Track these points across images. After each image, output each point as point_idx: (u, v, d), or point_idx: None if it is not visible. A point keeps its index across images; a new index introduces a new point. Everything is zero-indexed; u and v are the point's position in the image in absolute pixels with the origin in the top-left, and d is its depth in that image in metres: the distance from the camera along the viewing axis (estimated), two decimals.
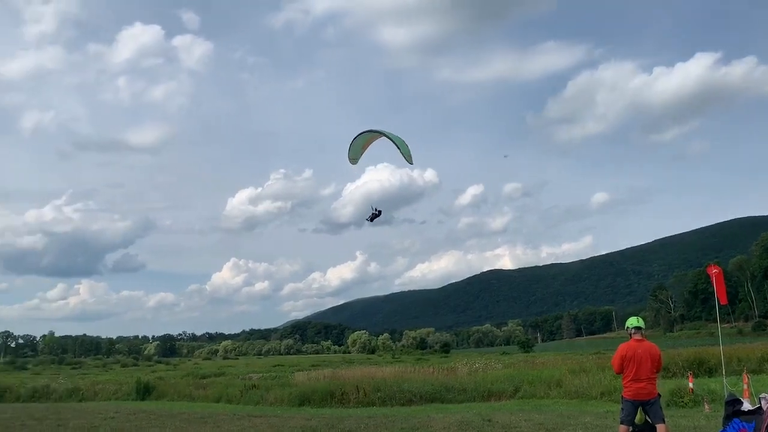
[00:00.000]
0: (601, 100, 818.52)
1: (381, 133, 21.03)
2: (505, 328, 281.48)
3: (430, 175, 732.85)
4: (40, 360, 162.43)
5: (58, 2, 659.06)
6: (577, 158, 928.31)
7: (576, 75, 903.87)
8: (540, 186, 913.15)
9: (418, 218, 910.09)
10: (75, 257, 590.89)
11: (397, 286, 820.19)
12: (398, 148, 20.11)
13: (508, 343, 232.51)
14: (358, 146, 23.11)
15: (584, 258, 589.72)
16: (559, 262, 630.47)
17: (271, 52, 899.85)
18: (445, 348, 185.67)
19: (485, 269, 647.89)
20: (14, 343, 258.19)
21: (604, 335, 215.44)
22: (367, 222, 22.81)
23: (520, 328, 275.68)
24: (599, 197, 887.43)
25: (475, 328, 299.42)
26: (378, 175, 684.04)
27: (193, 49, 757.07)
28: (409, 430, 14.57)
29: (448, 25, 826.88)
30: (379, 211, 23.61)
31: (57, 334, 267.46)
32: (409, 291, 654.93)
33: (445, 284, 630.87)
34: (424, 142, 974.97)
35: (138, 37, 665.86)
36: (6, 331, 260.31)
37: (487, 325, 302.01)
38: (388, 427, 15.28)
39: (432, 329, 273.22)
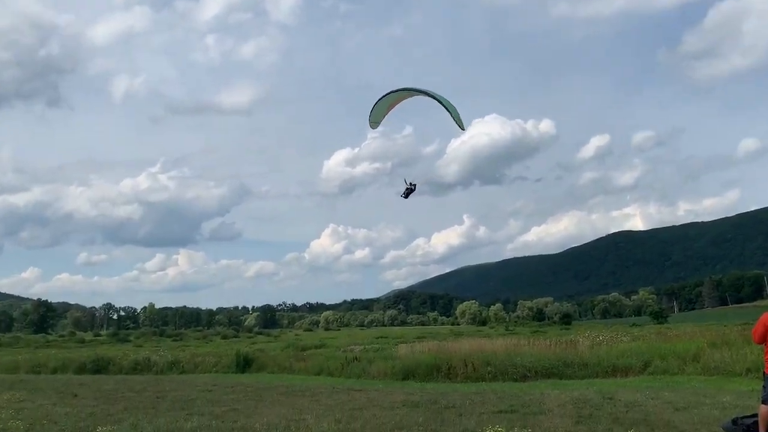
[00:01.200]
0: (748, 29, 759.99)
1: (418, 92, 21.02)
2: (635, 297, 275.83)
3: (546, 125, 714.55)
4: (141, 332, 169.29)
5: None
6: (720, 99, 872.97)
7: (718, 1, 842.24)
8: (676, 133, 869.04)
9: (532, 175, 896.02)
10: (172, 226, 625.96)
11: (510, 251, 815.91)
12: (446, 109, 20.01)
13: (638, 313, 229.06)
14: (383, 107, 23.03)
15: (730, 215, 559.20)
16: (699, 220, 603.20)
17: None
18: (566, 319, 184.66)
19: (612, 231, 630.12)
20: (116, 315, 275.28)
21: (755, 303, 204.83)
22: (402, 198, 23.04)
23: (653, 296, 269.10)
24: (747, 144, 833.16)
25: (600, 297, 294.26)
26: (486, 128, 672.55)
27: (282, 1, 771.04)
28: (520, 407, 14.57)
29: None
30: (414, 186, 23.64)
31: (157, 306, 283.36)
32: (524, 257, 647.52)
33: (565, 249, 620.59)
34: (538, 89, 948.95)
35: None
36: (107, 303, 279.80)
37: (614, 293, 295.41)
38: (496, 404, 15.35)
39: (550, 299, 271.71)
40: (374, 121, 24.18)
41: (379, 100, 22.55)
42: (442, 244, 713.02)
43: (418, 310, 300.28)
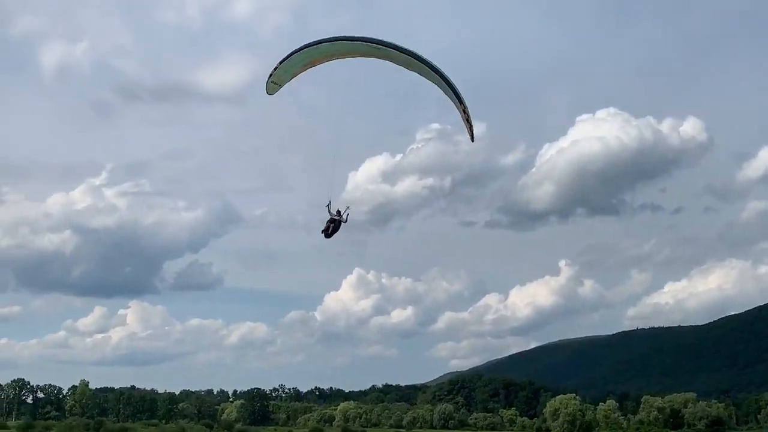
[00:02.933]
0: None
1: (369, 46, 25.35)
2: None
3: (691, 127, 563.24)
4: (68, 424, 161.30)
5: None
6: None
7: None
8: None
9: (668, 203, 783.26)
10: (120, 266, 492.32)
11: (631, 320, 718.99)
12: (447, 84, 26.70)
13: None
14: (298, 62, 27.15)
15: None
16: None
17: None
18: (716, 428, 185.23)
19: None
20: (31, 397, 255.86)
21: None
22: (323, 236, 31.84)
23: None
24: None
25: None
26: (598, 130, 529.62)
27: None
28: None
29: None
30: (340, 217, 31.80)
31: (93, 386, 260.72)
32: (652, 329, 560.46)
33: (716, 318, 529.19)
34: (681, 71, 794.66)
35: None
36: (19, 380, 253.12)
37: None
38: None
39: (692, 395, 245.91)
40: (275, 82, 27.62)
41: (298, 51, 25.41)
42: (526, 304, 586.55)
43: (487, 404, 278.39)
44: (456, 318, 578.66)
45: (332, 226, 30.61)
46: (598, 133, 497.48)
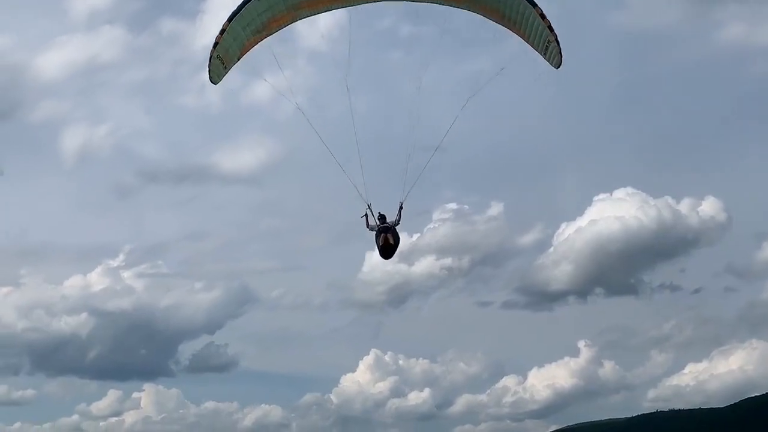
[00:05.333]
0: None
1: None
2: None
3: (710, 207, 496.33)
4: None
5: None
6: None
7: None
8: None
9: (688, 284, 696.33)
10: (135, 349, 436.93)
11: (651, 402, 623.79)
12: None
13: None
14: (250, 24, 20.74)
15: None
16: None
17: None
18: None
19: None
20: None
21: None
22: (393, 247, 23.41)
23: None
24: None
25: None
26: (615, 209, 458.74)
27: (318, 20, 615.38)
28: None
29: None
30: (389, 225, 23.75)
31: None
32: (674, 411, 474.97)
33: (738, 400, 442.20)
34: (699, 151, 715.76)
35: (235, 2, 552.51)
36: None
37: None
38: None
39: None
40: (220, 57, 21.40)
41: (236, 15, 19.82)
42: (546, 386, 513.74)
43: None
44: (474, 400, 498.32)
45: (390, 236, 21.81)
46: (616, 213, 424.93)
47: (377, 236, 22.67)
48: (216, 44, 21.09)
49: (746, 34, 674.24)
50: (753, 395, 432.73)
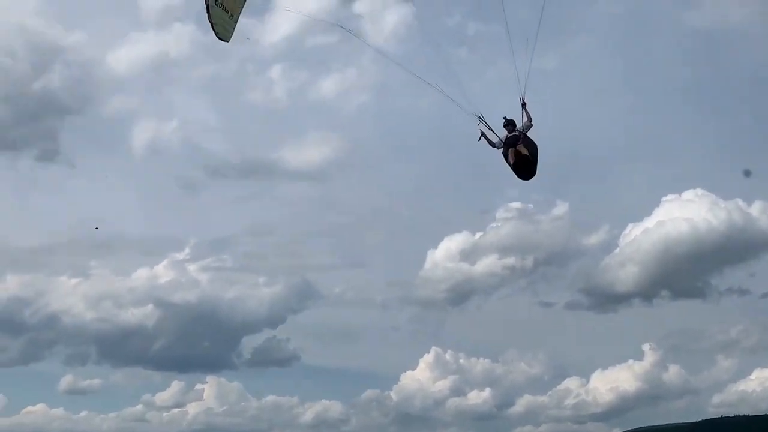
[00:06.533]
0: None
1: None
2: None
3: None
4: None
5: None
6: None
7: None
8: None
9: (758, 288, 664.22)
10: (199, 341, 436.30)
11: (717, 407, 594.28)
12: None
13: None
14: None
15: None
16: None
17: (505, 17, 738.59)
18: None
19: None
20: None
21: None
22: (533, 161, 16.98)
23: None
24: None
25: None
26: (684, 211, 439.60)
27: (383, 19, 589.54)
28: None
29: None
30: (519, 133, 17.22)
31: None
32: (740, 417, 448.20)
33: None
34: (766, 155, 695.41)
35: (303, 3, 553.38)
36: None
37: None
38: None
39: None
40: (219, 25, 16.13)
41: None
42: (609, 388, 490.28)
43: None
44: (534, 401, 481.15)
45: (522, 147, 15.54)
46: (684, 215, 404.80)
47: (505, 154, 17.21)
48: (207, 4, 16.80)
49: None
50: None
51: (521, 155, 16.39)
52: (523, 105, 17.41)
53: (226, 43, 17.90)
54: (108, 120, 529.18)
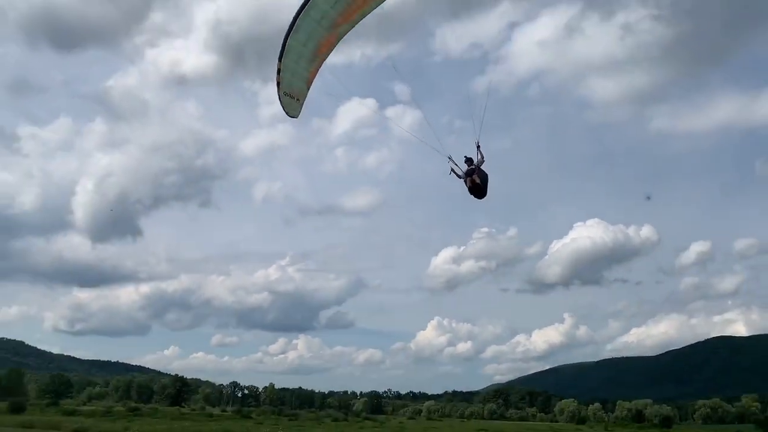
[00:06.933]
0: None
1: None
2: (738, 404, 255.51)
3: (647, 231, 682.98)
4: (261, 410, 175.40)
5: None
6: None
7: None
8: None
9: (632, 278, 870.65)
10: (294, 314, 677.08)
11: (609, 351, 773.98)
12: None
13: (742, 420, 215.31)
14: (301, 57, 17.89)
15: None
16: None
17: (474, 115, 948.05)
18: (666, 422, 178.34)
19: (712, 335, 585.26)
20: (240, 393, 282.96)
21: None
22: (454, 175, 20.79)
23: (756, 404, 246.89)
24: None
25: (701, 401, 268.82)
26: (588, 232, 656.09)
27: (404, 118, 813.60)
28: None
29: (662, 73, 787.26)
30: (474, 167, 20.82)
31: (277, 386, 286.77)
32: (623, 357, 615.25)
33: (664, 351, 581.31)
34: (639, 196, 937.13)
35: (355, 110, 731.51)
36: (234, 382, 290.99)
37: (715, 399, 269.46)
38: None
39: (650, 401, 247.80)
40: (288, 94, 18.71)
41: (291, 29, 16.81)
42: (543, 341, 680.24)
43: (517, 405, 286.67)
44: (498, 349, 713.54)
45: (476, 177, 19.74)
46: (588, 234, 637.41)
47: (465, 182, 20.07)
48: (278, 83, 19.31)
49: (672, 125, 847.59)
50: (672, 348, 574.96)
51: (474, 183, 20.16)
52: (478, 147, 20.92)
53: (295, 118, 21.12)
54: (240, 182, 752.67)
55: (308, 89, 19.77)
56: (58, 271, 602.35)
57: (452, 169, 21.37)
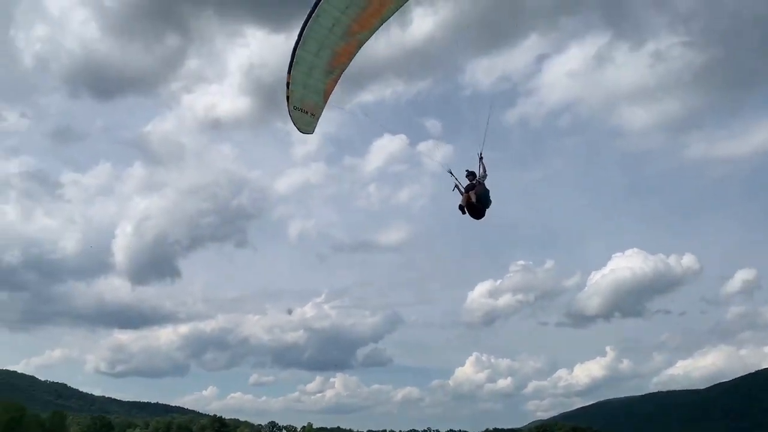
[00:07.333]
0: None
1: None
2: None
3: (688, 260, 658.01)
4: None
5: (321, 126, 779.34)
6: None
7: None
8: None
9: (676, 309, 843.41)
10: (331, 351, 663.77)
11: (655, 385, 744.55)
12: None
13: None
14: (313, 68, 15.88)
15: None
16: None
17: (507, 147, 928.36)
18: None
19: (763, 366, 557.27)
20: None
21: None
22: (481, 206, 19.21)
23: None
24: None
25: None
26: (627, 262, 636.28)
27: (435, 153, 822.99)
28: None
29: (696, 100, 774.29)
30: (476, 182, 19.55)
31: (315, 426, 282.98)
32: (669, 391, 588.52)
33: (713, 384, 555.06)
34: (678, 225, 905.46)
35: (387, 146, 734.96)
36: (272, 422, 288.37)
37: None
38: None
39: None
40: (298, 108, 16.76)
41: (299, 41, 15.08)
42: (585, 375, 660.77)
43: None
44: (539, 384, 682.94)
45: (472, 194, 18.70)
46: (627, 265, 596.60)
47: (466, 191, 18.66)
48: (288, 98, 17.90)
49: (708, 151, 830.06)
50: (721, 380, 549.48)
51: (469, 201, 18.96)
52: (480, 159, 19.56)
53: (309, 134, 19.41)
54: (275, 221, 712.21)
55: (325, 102, 18.14)
56: (99, 314, 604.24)
57: (456, 185, 20.13)
